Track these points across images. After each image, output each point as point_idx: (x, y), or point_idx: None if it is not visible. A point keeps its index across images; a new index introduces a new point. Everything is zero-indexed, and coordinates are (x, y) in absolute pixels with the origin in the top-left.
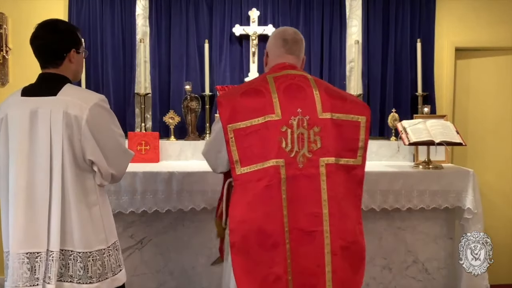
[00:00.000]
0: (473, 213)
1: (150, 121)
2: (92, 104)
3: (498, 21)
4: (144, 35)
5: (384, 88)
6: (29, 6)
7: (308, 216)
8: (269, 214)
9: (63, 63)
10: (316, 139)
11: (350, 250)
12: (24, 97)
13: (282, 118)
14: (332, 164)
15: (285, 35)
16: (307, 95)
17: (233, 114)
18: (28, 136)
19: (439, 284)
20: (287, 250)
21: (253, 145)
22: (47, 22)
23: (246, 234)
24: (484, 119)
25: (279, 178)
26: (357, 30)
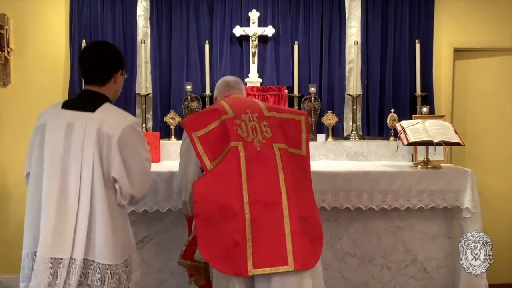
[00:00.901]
0: (472, 212)
1: (151, 121)
2: (126, 125)
3: (496, 22)
4: (145, 36)
5: (383, 89)
6: (30, 7)
7: (268, 190)
8: (229, 187)
9: (108, 83)
10: (267, 130)
11: (307, 222)
12: (64, 109)
13: (234, 115)
14: (284, 149)
15: (227, 80)
16: (253, 103)
17: (195, 126)
18: (62, 145)
19: (438, 283)
20: (246, 219)
21: (216, 142)
22: (99, 43)
23: (208, 205)
24: (482, 119)
25: (238, 157)
26: (356, 31)
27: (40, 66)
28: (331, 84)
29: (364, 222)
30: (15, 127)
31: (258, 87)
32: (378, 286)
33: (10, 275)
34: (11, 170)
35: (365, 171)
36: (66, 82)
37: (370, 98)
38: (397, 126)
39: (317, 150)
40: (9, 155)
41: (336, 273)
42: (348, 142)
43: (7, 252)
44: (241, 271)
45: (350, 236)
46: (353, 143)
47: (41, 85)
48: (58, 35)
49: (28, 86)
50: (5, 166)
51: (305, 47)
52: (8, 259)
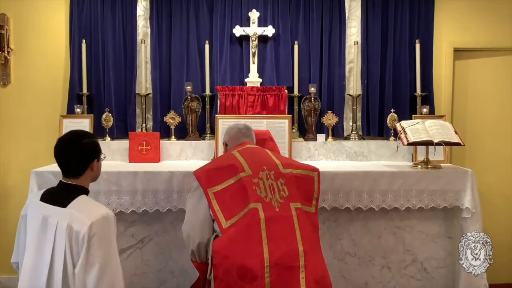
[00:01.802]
0: (472, 212)
1: (151, 121)
2: (92, 221)
3: (496, 22)
4: (145, 36)
5: (383, 89)
6: (31, 7)
7: (287, 252)
8: (249, 250)
9: (85, 173)
10: (284, 188)
11: (321, 284)
12: (41, 202)
13: (252, 173)
14: (300, 208)
15: (239, 127)
16: (268, 157)
17: (210, 181)
18: (37, 239)
19: (438, 283)
20: (266, 283)
21: (233, 200)
22: (70, 137)
23: (228, 268)
24: (482, 119)
25: (258, 218)
26: (356, 31)
27: (40, 66)
28: (331, 84)
29: (364, 222)
30: (15, 127)
31: (258, 87)
32: (378, 286)
33: (10, 275)
34: (11, 170)
35: (365, 171)
36: (66, 82)
37: (370, 98)
38: (397, 126)
39: (317, 150)
40: (9, 155)
41: (336, 273)
42: (348, 142)
43: (7, 252)
44: None
45: (350, 236)
46: (353, 143)
47: (41, 85)
48: (58, 35)
49: (28, 86)
50: (5, 166)
51: (305, 47)
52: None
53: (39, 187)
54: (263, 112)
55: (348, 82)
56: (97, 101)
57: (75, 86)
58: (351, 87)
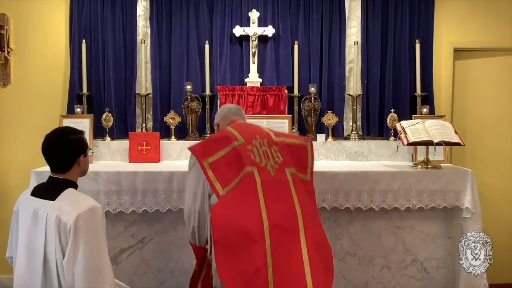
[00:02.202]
0: (472, 212)
1: (151, 121)
2: (78, 213)
3: (496, 22)
4: (145, 36)
5: (383, 89)
6: (31, 7)
7: (285, 215)
8: (248, 212)
9: (72, 168)
10: (278, 155)
11: (321, 249)
12: (32, 196)
13: (245, 141)
14: (295, 174)
15: (229, 107)
16: (260, 129)
17: (205, 152)
18: (28, 232)
19: (438, 283)
20: (267, 245)
21: (228, 168)
22: (57, 133)
23: (227, 230)
24: (482, 119)
25: (254, 182)
26: (356, 31)
27: (40, 66)
28: (331, 84)
29: (364, 222)
30: (15, 127)
31: (258, 87)
32: (378, 286)
33: (10, 275)
34: (11, 170)
35: (365, 171)
36: (66, 82)
37: (370, 98)
38: (397, 126)
39: (317, 150)
40: (9, 155)
41: (336, 273)
42: (348, 142)
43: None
44: None
45: (350, 236)
46: (353, 143)
47: (41, 85)
48: (58, 35)
49: (28, 86)
50: (5, 166)
51: (305, 47)
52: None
53: None
54: (263, 112)
55: (348, 82)
56: (97, 101)
57: (75, 86)
58: (351, 87)
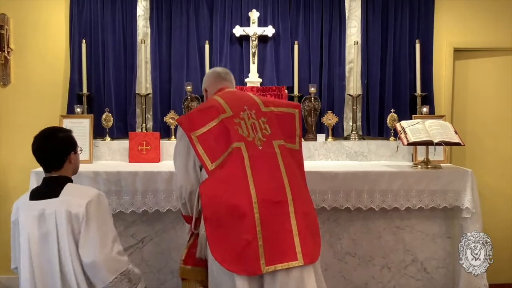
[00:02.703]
0: (472, 212)
1: (151, 121)
2: (87, 200)
3: (496, 22)
4: (145, 36)
5: (383, 89)
6: (31, 7)
7: (274, 188)
8: (236, 188)
9: (64, 166)
10: (266, 127)
11: (309, 218)
12: (31, 201)
13: (233, 113)
14: (283, 145)
15: (217, 71)
16: (248, 98)
17: (192, 124)
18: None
19: (438, 283)
20: (256, 218)
21: (216, 141)
22: (45, 133)
23: (216, 208)
24: (482, 119)
25: (242, 157)
26: (356, 31)
27: (40, 66)
28: (331, 84)
29: (364, 222)
30: (15, 127)
31: (258, 87)
32: (378, 286)
33: (10, 275)
34: (11, 170)
35: (365, 171)
36: (66, 82)
37: (370, 98)
38: (397, 126)
39: (317, 150)
40: (9, 155)
41: (336, 273)
42: (348, 142)
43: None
44: (255, 271)
45: (350, 236)
46: (353, 143)
47: (41, 85)
48: (58, 35)
49: (28, 86)
50: (5, 167)
51: (305, 47)
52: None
53: None
54: None
55: (348, 82)
56: (97, 101)
57: (75, 86)
58: (351, 87)
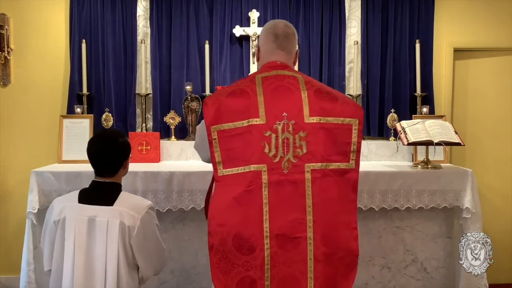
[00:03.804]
0: (472, 212)
1: (151, 121)
2: (142, 214)
3: (496, 22)
4: (145, 36)
5: (383, 89)
6: (31, 7)
7: (292, 222)
8: (247, 218)
9: (119, 171)
10: (301, 144)
11: (336, 257)
12: (81, 204)
13: (266, 122)
14: (319, 170)
15: (276, 30)
16: (295, 98)
17: (217, 115)
18: (86, 241)
19: (438, 283)
20: (266, 255)
21: (236, 148)
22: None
23: (224, 237)
24: (482, 119)
25: (260, 184)
26: (356, 31)
27: (40, 66)
28: (331, 84)
29: (364, 222)
30: (15, 127)
31: None
32: (378, 286)
33: (10, 275)
34: (11, 170)
35: (365, 171)
36: (66, 82)
37: (370, 98)
38: (397, 126)
39: None
40: (9, 155)
41: None
42: None
43: (7, 252)
44: None
45: None
46: None
47: (41, 85)
48: (58, 35)
49: (28, 86)
50: (5, 166)
51: (305, 47)
52: (8, 259)
53: (39, 187)
54: None
55: (348, 82)
56: (97, 101)
57: (75, 86)
58: (351, 87)
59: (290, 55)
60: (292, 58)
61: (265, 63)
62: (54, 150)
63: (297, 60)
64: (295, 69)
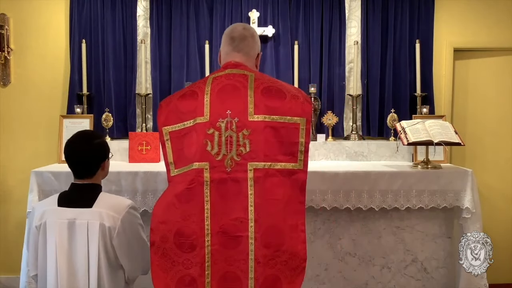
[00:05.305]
0: (472, 212)
1: (151, 121)
2: (122, 214)
3: (496, 22)
4: (145, 36)
5: (383, 89)
6: (31, 7)
7: (234, 221)
8: (188, 216)
9: (97, 173)
10: (245, 142)
11: (279, 260)
12: (60, 207)
13: (209, 120)
14: (262, 169)
15: (233, 33)
16: (240, 96)
17: (168, 117)
18: (67, 244)
19: (438, 283)
20: (206, 253)
21: (184, 147)
22: (81, 138)
23: (165, 234)
24: (482, 119)
25: (201, 182)
26: (356, 31)
27: (40, 66)
28: (331, 84)
29: (364, 222)
30: (15, 127)
31: None
32: (378, 286)
33: (10, 275)
34: (11, 170)
35: (365, 171)
36: (66, 82)
37: (370, 98)
38: (397, 126)
39: (317, 150)
40: (9, 155)
41: (336, 273)
42: (348, 142)
43: (7, 252)
44: None
45: (350, 236)
46: (353, 143)
47: (41, 85)
48: (58, 35)
49: (28, 86)
50: (5, 166)
51: (305, 47)
52: (8, 259)
53: (39, 187)
54: None
55: (348, 82)
56: (97, 101)
57: (75, 86)
58: (351, 87)
59: (248, 57)
60: (250, 60)
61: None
62: (54, 150)
63: (258, 64)
64: (251, 68)
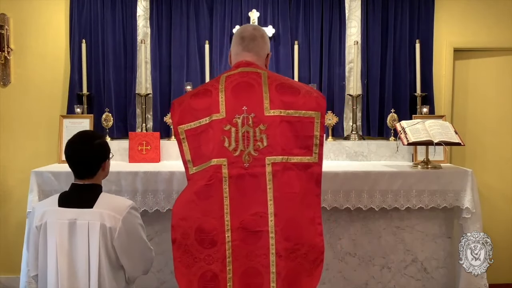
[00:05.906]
0: (472, 212)
1: (151, 121)
2: (123, 215)
3: (496, 22)
4: (145, 36)
5: (383, 89)
6: (31, 7)
7: (253, 216)
8: (208, 212)
9: (97, 173)
10: (262, 137)
11: (299, 253)
12: (61, 208)
13: (226, 116)
14: (280, 163)
15: (243, 33)
16: (255, 93)
17: (182, 115)
18: (67, 244)
19: (438, 283)
20: (227, 248)
21: (202, 145)
22: (82, 139)
23: (186, 231)
24: (482, 119)
25: (220, 178)
26: (356, 31)
27: (40, 66)
28: (331, 84)
29: (364, 222)
30: (15, 127)
31: None
32: (378, 286)
33: (10, 275)
34: (11, 170)
35: (365, 171)
36: (66, 82)
37: (370, 98)
38: (397, 126)
39: None
40: (9, 155)
41: (336, 273)
42: (348, 142)
43: (7, 252)
44: None
45: (350, 236)
46: (353, 143)
47: (41, 85)
48: (58, 35)
49: (28, 86)
50: (5, 166)
51: (305, 47)
52: (8, 259)
53: (39, 187)
54: None
55: (348, 82)
56: (97, 101)
57: (75, 86)
58: (351, 87)
59: (258, 56)
60: (260, 60)
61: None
62: (54, 150)
63: (268, 64)
64: (262, 67)
